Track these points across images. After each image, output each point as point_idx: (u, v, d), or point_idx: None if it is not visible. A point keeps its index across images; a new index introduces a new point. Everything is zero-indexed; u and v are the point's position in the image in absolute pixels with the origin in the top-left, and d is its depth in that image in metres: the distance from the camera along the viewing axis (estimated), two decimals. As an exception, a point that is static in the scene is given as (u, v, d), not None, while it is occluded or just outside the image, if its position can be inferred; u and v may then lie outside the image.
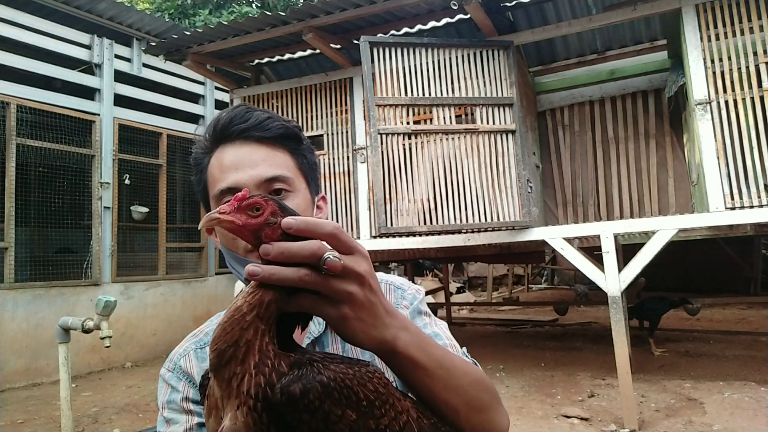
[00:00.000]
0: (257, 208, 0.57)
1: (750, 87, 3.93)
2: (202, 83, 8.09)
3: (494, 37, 4.78)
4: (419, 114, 4.84)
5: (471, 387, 0.64)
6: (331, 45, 5.18)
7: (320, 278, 0.54)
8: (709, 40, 4.08)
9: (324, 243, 0.55)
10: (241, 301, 0.55)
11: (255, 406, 0.52)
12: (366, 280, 0.57)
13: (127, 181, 7.18)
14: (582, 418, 3.92)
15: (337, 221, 5.35)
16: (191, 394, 0.83)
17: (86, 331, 3.26)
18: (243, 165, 0.82)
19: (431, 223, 4.42)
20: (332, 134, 5.49)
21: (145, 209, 7.44)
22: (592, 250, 4.89)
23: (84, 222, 6.74)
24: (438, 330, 0.86)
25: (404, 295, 0.91)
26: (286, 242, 0.55)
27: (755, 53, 3.95)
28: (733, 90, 3.99)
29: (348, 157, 5.41)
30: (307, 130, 5.47)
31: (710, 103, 4.04)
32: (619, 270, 4.06)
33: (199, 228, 0.62)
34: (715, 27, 4.07)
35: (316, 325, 0.87)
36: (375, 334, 0.58)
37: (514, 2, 4.63)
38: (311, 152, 0.92)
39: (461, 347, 0.86)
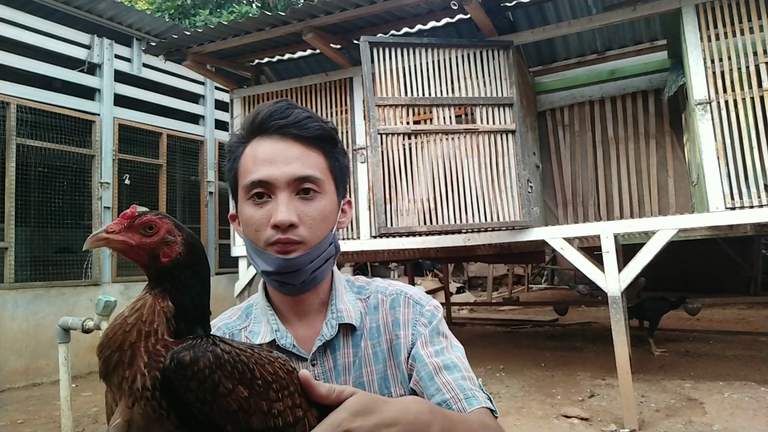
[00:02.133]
0: (150, 227, 0.56)
1: (750, 87, 3.93)
2: (202, 83, 8.08)
3: (494, 37, 4.77)
4: (419, 114, 4.83)
5: None
6: (331, 45, 5.18)
7: None
8: (709, 40, 4.08)
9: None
10: (127, 310, 0.55)
11: (153, 395, 0.51)
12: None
13: (127, 181, 7.17)
14: (582, 418, 3.91)
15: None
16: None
17: (86, 331, 3.26)
18: (277, 160, 0.82)
19: (431, 223, 4.41)
20: (332, 134, 5.47)
21: (145, 209, 7.42)
22: (592, 250, 4.89)
23: (84, 222, 6.73)
24: (454, 358, 0.85)
25: (423, 312, 0.90)
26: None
27: (755, 53, 3.94)
28: (733, 90, 3.98)
29: (348, 157, 5.40)
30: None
31: (710, 103, 4.03)
32: (619, 270, 4.05)
33: (83, 250, 0.62)
34: (715, 27, 4.06)
35: (329, 329, 0.85)
36: None
37: (514, 2, 4.62)
38: (344, 155, 0.93)
39: (477, 378, 0.85)
